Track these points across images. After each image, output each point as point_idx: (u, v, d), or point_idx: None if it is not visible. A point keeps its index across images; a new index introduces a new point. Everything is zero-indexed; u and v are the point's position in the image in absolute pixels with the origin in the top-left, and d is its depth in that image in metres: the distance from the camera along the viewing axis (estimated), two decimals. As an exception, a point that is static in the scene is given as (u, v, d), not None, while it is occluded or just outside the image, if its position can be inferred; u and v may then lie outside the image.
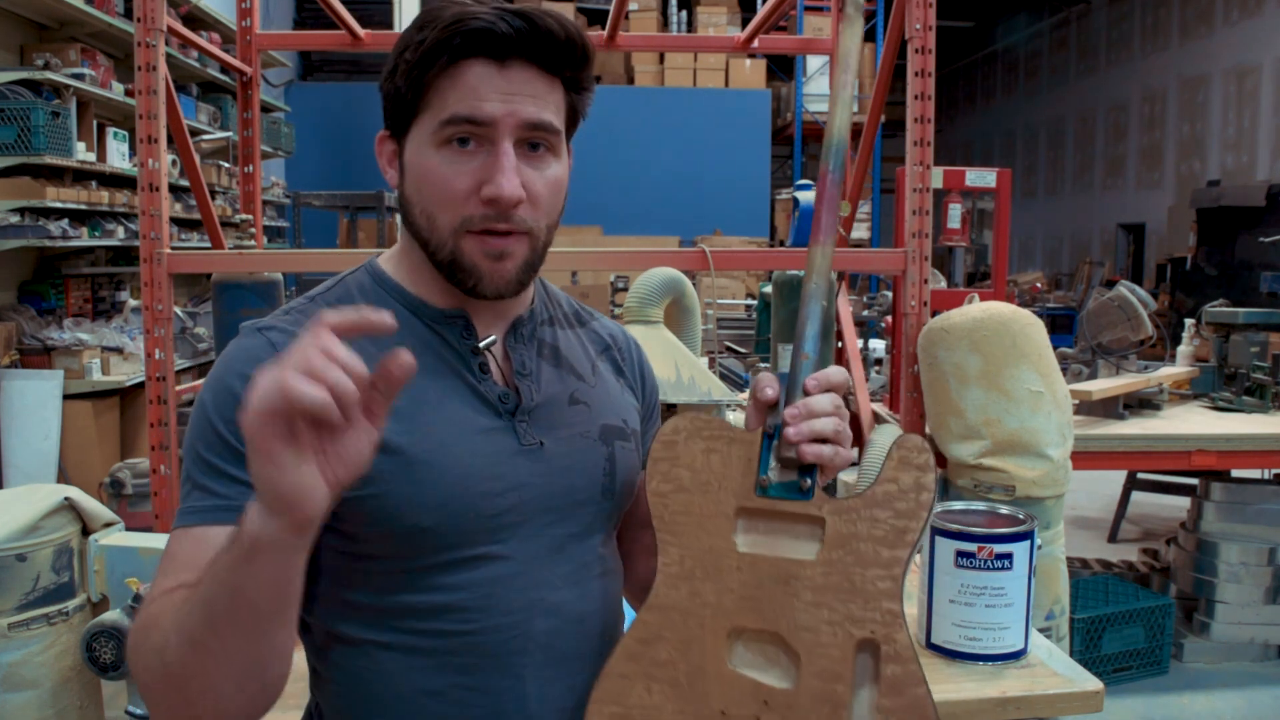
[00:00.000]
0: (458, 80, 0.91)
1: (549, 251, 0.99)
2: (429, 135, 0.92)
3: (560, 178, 0.97)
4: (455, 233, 0.93)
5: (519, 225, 0.93)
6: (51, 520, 2.23)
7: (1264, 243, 9.07)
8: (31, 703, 2.18)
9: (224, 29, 6.30)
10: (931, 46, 2.67)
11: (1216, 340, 4.18)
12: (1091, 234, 15.70)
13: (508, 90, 0.91)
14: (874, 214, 10.80)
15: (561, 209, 1.00)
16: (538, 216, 0.95)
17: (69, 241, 4.72)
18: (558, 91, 0.95)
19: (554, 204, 0.97)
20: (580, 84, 0.98)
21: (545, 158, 0.95)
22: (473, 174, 0.91)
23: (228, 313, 3.04)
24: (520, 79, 0.91)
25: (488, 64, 0.90)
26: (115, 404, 4.81)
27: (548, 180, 0.95)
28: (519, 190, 0.91)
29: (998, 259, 6.22)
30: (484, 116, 0.90)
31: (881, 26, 9.56)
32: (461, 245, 0.93)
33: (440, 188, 0.92)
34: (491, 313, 1.01)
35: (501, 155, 0.91)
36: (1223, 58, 12.58)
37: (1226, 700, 3.47)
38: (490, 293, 0.95)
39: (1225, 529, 3.73)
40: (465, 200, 0.92)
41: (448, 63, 0.90)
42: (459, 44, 0.90)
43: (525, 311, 1.04)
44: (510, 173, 0.90)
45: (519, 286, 0.97)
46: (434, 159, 0.92)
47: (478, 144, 0.92)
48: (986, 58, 19.44)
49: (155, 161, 2.61)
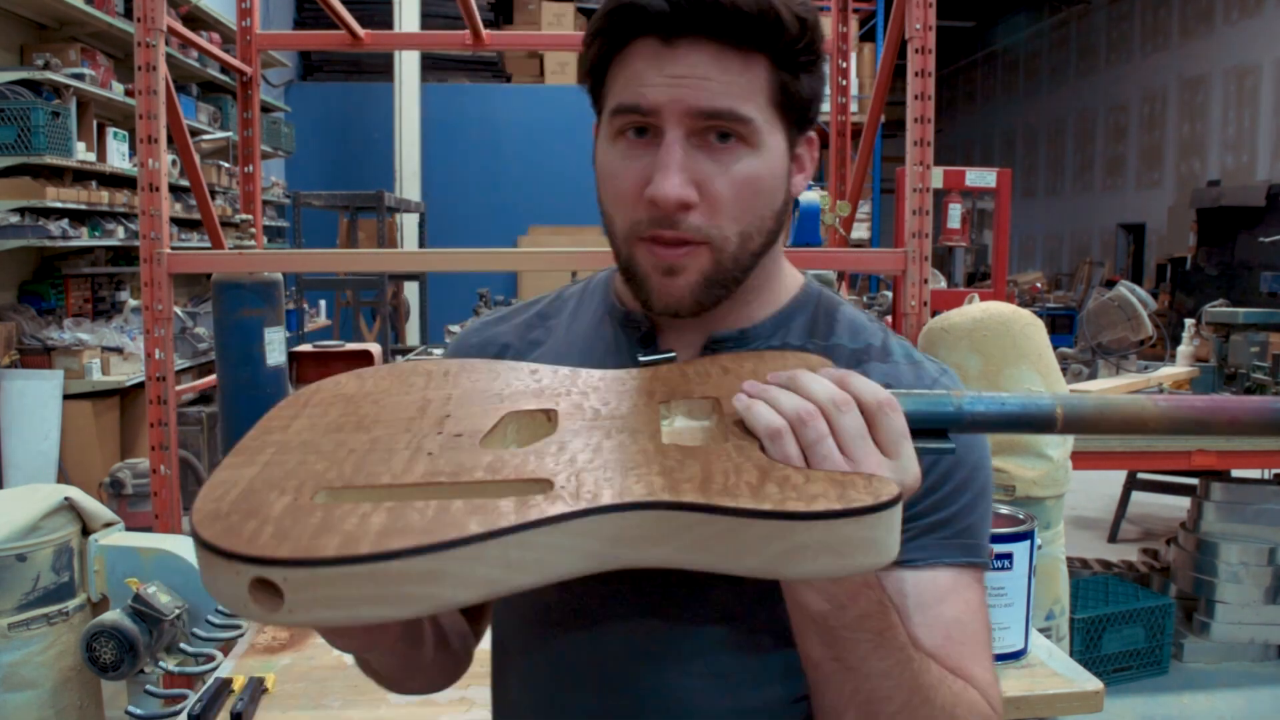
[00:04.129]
0: (626, 64, 0.80)
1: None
2: (606, 127, 0.83)
3: (756, 174, 0.80)
4: (627, 238, 0.82)
5: (691, 233, 0.79)
6: (51, 520, 2.23)
7: (1264, 243, 9.08)
8: (31, 703, 2.18)
9: (224, 29, 6.30)
10: (931, 46, 2.66)
11: (1216, 340, 4.19)
12: (1091, 234, 15.70)
13: (676, 73, 0.77)
14: (874, 214, 10.79)
15: (770, 212, 0.83)
16: (719, 222, 0.80)
17: (69, 241, 4.72)
18: (755, 71, 0.79)
19: (749, 206, 0.80)
20: (793, 59, 0.80)
21: (735, 150, 0.79)
22: (642, 170, 0.79)
23: (228, 313, 3.04)
24: (692, 59, 0.77)
25: (655, 43, 0.78)
26: (115, 404, 4.81)
27: (734, 178, 0.79)
28: (682, 191, 0.77)
29: (998, 259, 6.22)
30: (647, 105, 0.78)
31: (881, 26, 9.57)
32: (634, 253, 0.82)
33: (611, 186, 0.82)
34: (693, 324, 0.87)
35: (663, 149, 0.78)
36: (1223, 58, 12.58)
37: (1226, 700, 3.47)
38: (660, 310, 0.83)
39: (1225, 529, 3.73)
40: (634, 201, 0.80)
41: (617, 45, 0.80)
42: (618, 24, 0.79)
43: (736, 329, 0.88)
44: (670, 170, 0.77)
45: (697, 306, 0.82)
46: (608, 154, 0.83)
47: (653, 135, 0.79)
48: (986, 58, 19.44)
49: (155, 161, 2.61)
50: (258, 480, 0.66)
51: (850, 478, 0.65)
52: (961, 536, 0.84)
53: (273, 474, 0.66)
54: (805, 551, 0.62)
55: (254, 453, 0.70)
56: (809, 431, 0.67)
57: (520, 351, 0.96)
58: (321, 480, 0.65)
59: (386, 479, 0.66)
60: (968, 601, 0.84)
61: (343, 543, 0.57)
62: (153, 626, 2.00)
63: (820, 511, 0.62)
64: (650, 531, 0.63)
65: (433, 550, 0.57)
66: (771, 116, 0.81)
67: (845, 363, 0.88)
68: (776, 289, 0.92)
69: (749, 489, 0.63)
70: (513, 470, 0.66)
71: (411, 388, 0.80)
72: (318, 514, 0.61)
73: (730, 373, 0.79)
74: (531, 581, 0.61)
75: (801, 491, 0.63)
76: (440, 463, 0.67)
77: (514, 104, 10.44)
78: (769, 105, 0.80)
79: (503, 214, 10.13)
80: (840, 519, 0.62)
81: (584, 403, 0.76)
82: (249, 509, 0.62)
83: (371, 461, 0.68)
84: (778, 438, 0.67)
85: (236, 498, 0.63)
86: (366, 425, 0.73)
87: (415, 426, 0.73)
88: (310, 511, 0.61)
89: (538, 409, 0.76)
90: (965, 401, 0.73)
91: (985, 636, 0.85)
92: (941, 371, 0.90)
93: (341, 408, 0.77)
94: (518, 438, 0.74)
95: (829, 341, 0.90)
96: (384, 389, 0.80)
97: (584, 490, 0.63)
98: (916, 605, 0.82)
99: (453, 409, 0.76)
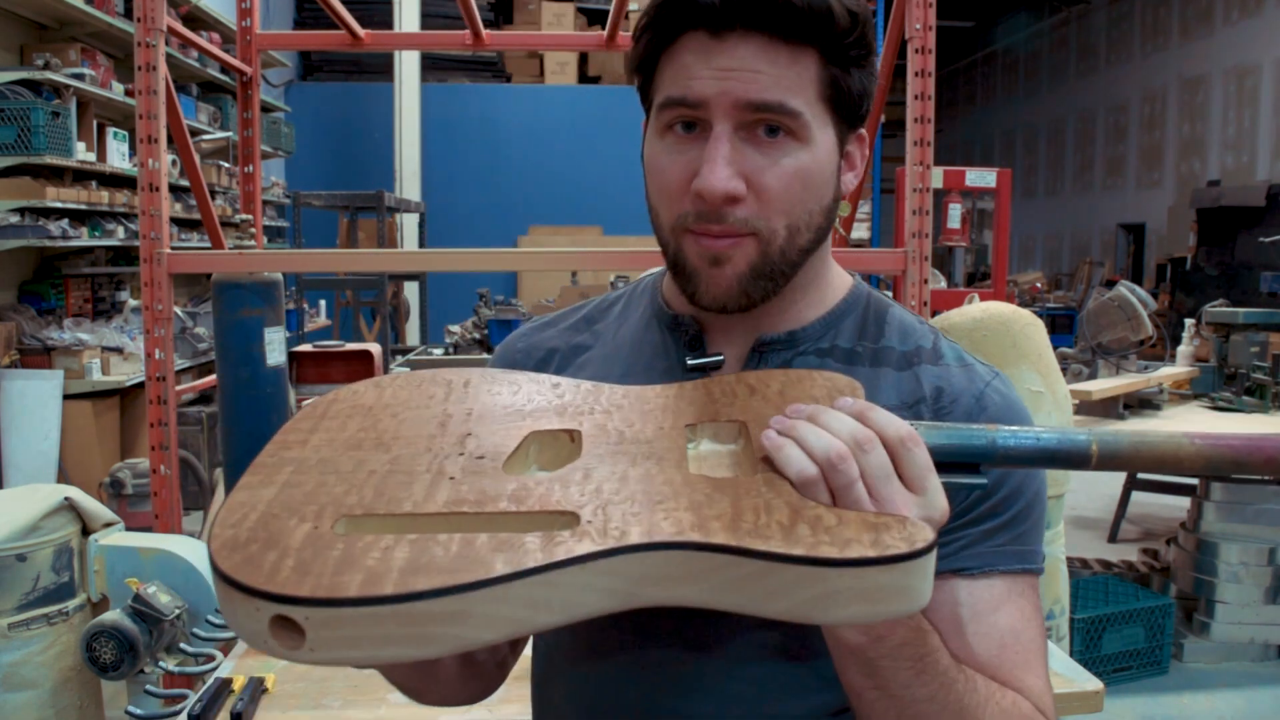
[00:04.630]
0: (674, 58, 0.80)
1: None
2: (654, 122, 0.83)
3: (805, 168, 0.80)
4: (674, 231, 0.82)
5: (739, 226, 0.79)
6: (51, 520, 2.23)
7: (1264, 243, 9.08)
8: (31, 703, 2.18)
9: (224, 29, 6.30)
10: (931, 46, 2.66)
11: (1216, 340, 4.19)
12: (1091, 234, 15.71)
13: (725, 66, 0.77)
14: (874, 214, 10.79)
15: (818, 207, 0.83)
16: (767, 215, 0.80)
17: (69, 241, 4.72)
18: (804, 64, 0.78)
19: (798, 200, 0.80)
20: (844, 53, 0.80)
21: (784, 144, 0.79)
22: (689, 164, 0.80)
23: (228, 313, 3.04)
24: (742, 52, 0.77)
25: (703, 37, 0.78)
26: (115, 404, 4.81)
27: (783, 171, 0.79)
28: (729, 183, 0.77)
29: (998, 259, 6.22)
30: (695, 97, 0.78)
31: (881, 26, 9.58)
32: (682, 245, 0.82)
33: (658, 179, 0.83)
34: (741, 326, 0.88)
35: (711, 142, 0.78)
36: (1223, 58, 12.58)
37: (1226, 700, 3.47)
38: (709, 303, 0.83)
39: (1225, 529, 3.73)
40: (681, 194, 0.80)
41: (666, 39, 0.81)
42: (667, 18, 0.80)
43: (784, 332, 0.88)
44: (718, 163, 0.77)
45: (745, 298, 0.82)
46: (656, 147, 0.83)
47: (702, 129, 0.80)
48: (986, 58, 19.44)
49: (155, 161, 2.61)
50: (276, 504, 0.64)
51: (884, 520, 0.63)
52: (1016, 543, 0.83)
53: (291, 497, 0.64)
54: (837, 597, 0.60)
55: (271, 471, 0.68)
56: (840, 476, 0.65)
57: (566, 356, 0.96)
58: (341, 505, 0.64)
59: (408, 506, 0.64)
60: (1022, 610, 0.83)
61: (366, 581, 0.56)
62: (153, 626, 2.00)
63: (854, 559, 0.60)
64: (678, 571, 0.61)
65: (458, 591, 0.56)
66: (821, 111, 0.80)
67: (896, 365, 0.87)
68: (825, 289, 0.91)
69: (780, 530, 0.62)
70: (537, 501, 0.64)
71: (431, 400, 0.78)
72: (339, 546, 0.59)
73: (757, 393, 0.77)
74: (556, 621, 0.59)
75: (835, 535, 0.61)
76: (464, 489, 0.66)
77: (514, 104, 10.44)
78: (819, 100, 0.80)
79: (503, 214, 10.13)
80: (874, 566, 0.60)
81: (608, 423, 0.74)
82: (268, 537, 0.60)
83: (392, 485, 0.66)
84: (811, 486, 0.65)
85: (255, 524, 0.61)
86: (386, 442, 0.72)
87: (436, 445, 0.71)
88: (331, 543, 0.59)
89: (560, 429, 0.74)
90: (1000, 436, 0.73)
91: (1040, 644, 0.84)
92: (994, 375, 0.88)
93: (360, 421, 0.75)
94: (540, 459, 0.73)
95: (879, 344, 0.88)
96: (403, 400, 0.78)
97: (611, 526, 0.62)
98: (971, 615, 0.81)
99: (474, 426, 0.74)
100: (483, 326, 5.95)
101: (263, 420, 3.05)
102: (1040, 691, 0.82)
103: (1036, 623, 0.84)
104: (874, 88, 0.84)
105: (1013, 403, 0.87)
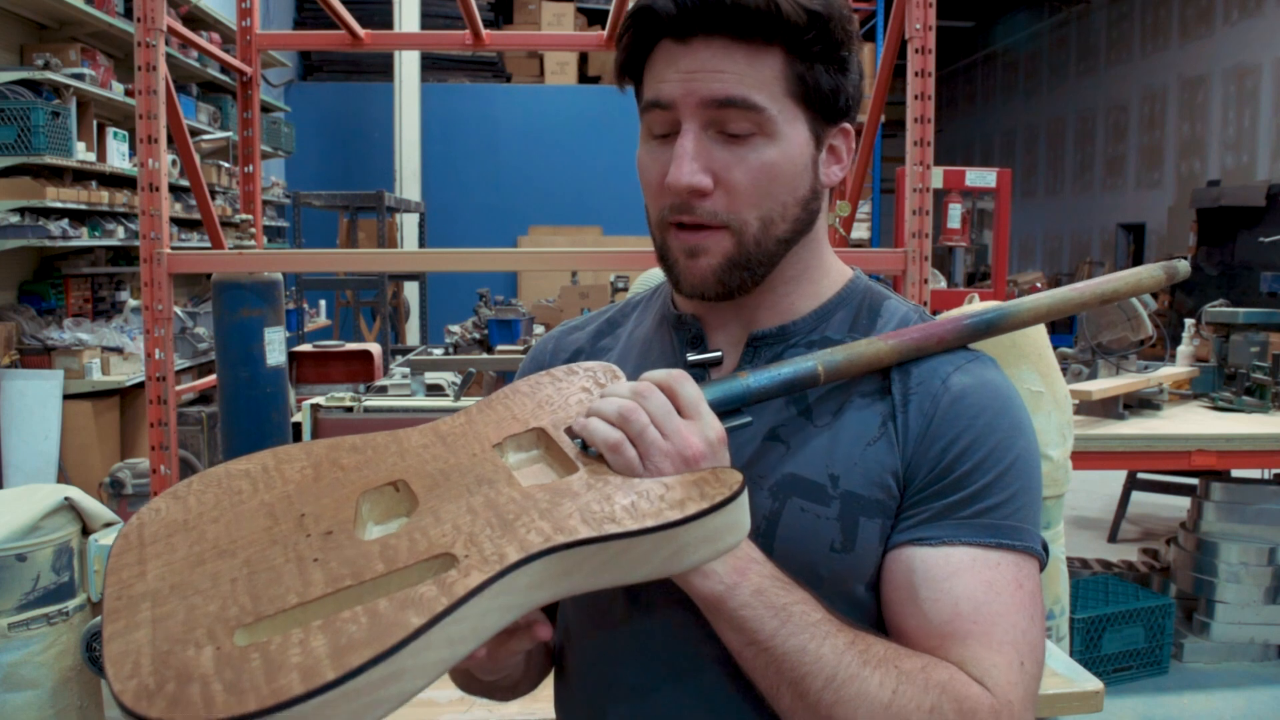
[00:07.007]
0: (651, 66, 0.86)
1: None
2: (641, 126, 0.89)
3: (773, 162, 0.84)
4: (659, 225, 0.88)
5: (709, 219, 0.84)
6: (51, 520, 2.23)
7: (1264, 243, 9.08)
8: (31, 703, 2.18)
9: (224, 29, 6.30)
10: (931, 46, 2.67)
11: (1216, 340, 4.18)
12: (1091, 234, 15.70)
13: (689, 68, 0.83)
14: (874, 214, 10.79)
15: (792, 199, 0.86)
16: (737, 209, 0.84)
17: (69, 241, 4.72)
18: (766, 62, 0.82)
19: (766, 193, 0.84)
20: (807, 50, 0.83)
21: (752, 141, 0.83)
22: (665, 163, 0.85)
23: (228, 313, 3.04)
24: (704, 55, 0.82)
25: (672, 43, 0.84)
26: (115, 404, 4.81)
27: (750, 166, 0.83)
28: (694, 178, 0.82)
29: (997, 259, 6.23)
30: (665, 99, 0.84)
31: (881, 26, 9.57)
32: (667, 239, 0.88)
33: (643, 179, 0.89)
34: (737, 321, 0.92)
35: (679, 140, 0.83)
36: (1223, 58, 12.58)
37: (1226, 700, 3.47)
38: (689, 291, 0.88)
39: (1225, 529, 3.74)
40: (661, 191, 0.86)
41: (645, 50, 0.87)
42: (638, 29, 0.86)
43: (776, 326, 0.92)
44: (684, 159, 0.82)
45: (722, 287, 0.87)
46: (642, 150, 0.89)
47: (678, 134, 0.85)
48: (986, 58, 19.44)
49: (155, 161, 2.61)
50: (159, 641, 0.62)
51: (701, 476, 0.74)
52: (985, 517, 0.83)
53: (170, 629, 0.63)
54: (686, 549, 0.71)
55: (129, 612, 0.66)
56: (633, 425, 0.75)
57: (591, 356, 1.02)
58: (226, 619, 0.63)
59: (293, 599, 0.65)
60: (990, 583, 0.81)
61: (304, 676, 0.58)
62: (153, 626, 2.00)
63: (693, 514, 0.70)
64: (557, 570, 0.69)
65: (391, 653, 0.59)
66: (789, 107, 0.84)
67: None
68: (819, 281, 0.93)
69: (626, 511, 0.71)
70: (408, 554, 0.68)
71: (241, 494, 0.77)
72: (254, 656, 0.60)
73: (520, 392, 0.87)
74: (470, 649, 0.65)
75: (669, 500, 0.71)
76: (333, 566, 0.67)
77: (514, 104, 10.44)
78: (785, 95, 0.84)
79: (503, 214, 10.13)
80: (710, 514, 0.70)
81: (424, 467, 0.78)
82: (178, 674, 0.59)
83: (262, 585, 0.66)
84: (619, 449, 0.75)
85: (153, 666, 0.60)
86: (227, 550, 0.71)
87: (280, 535, 0.72)
88: (245, 656, 0.60)
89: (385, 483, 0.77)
90: (751, 380, 0.84)
91: (1011, 622, 0.81)
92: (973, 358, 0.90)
93: (185, 537, 0.73)
94: (375, 516, 0.76)
95: (870, 335, 0.90)
96: (213, 504, 0.76)
97: (488, 553, 0.67)
98: (923, 580, 0.81)
99: (303, 506, 0.75)
100: (483, 326, 5.95)
101: (263, 420, 3.06)
102: (992, 666, 0.79)
103: (1011, 599, 0.82)
104: (852, 83, 0.88)
105: (986, 381, 0.87)
